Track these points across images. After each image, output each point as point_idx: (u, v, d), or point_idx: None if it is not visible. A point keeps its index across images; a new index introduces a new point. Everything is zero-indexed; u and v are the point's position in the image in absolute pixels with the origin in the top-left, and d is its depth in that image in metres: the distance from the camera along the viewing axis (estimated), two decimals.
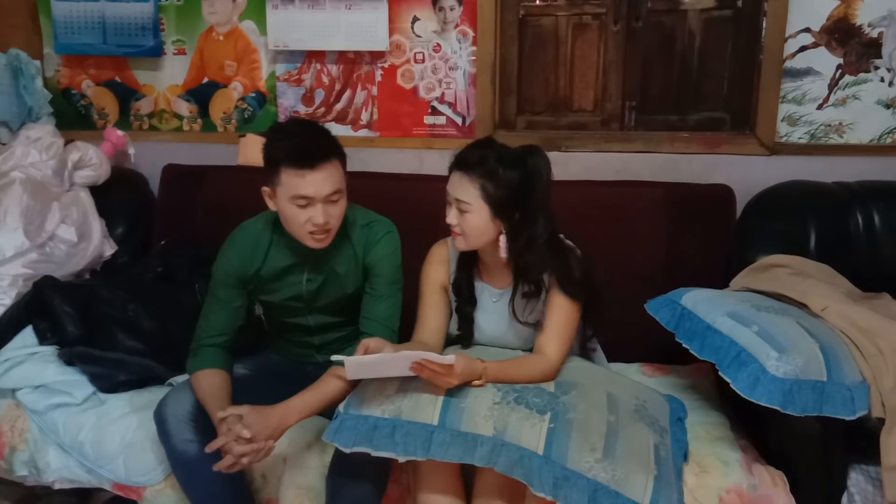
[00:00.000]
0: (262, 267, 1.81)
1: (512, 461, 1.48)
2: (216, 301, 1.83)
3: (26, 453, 1.95)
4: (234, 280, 1.81)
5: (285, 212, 1.69)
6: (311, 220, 1.66)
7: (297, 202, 1.65)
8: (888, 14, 2.25)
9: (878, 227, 2.12)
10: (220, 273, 1.83)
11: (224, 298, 1.82)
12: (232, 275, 1.81)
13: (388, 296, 1.80)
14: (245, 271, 1.81)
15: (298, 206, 1.66)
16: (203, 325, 1.83)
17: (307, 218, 1.67)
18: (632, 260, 2.22)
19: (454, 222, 1.68)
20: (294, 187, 1.64)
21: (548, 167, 1.69)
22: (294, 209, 1.67)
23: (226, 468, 1.58)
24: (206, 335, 1.81)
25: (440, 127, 2.57)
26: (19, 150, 2.47)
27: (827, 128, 2.35)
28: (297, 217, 1.67)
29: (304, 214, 1.67)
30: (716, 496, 1.62)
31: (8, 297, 2.17)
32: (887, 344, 1.63)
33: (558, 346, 1.68)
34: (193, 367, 1.78)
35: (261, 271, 1.81)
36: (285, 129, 1.74)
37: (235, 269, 1.81)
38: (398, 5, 2.50)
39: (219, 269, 1.83)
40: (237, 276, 1.81)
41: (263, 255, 1.81)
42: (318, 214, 1.66)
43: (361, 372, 1.60)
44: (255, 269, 1.81)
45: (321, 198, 1.66)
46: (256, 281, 1.82)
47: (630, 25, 2.47)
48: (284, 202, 1.67)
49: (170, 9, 2.67)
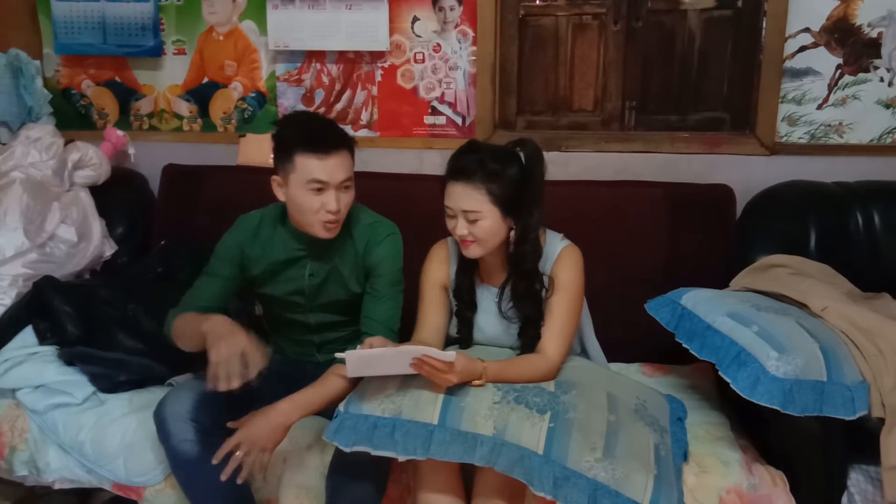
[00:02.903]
0: (263, 254, 1.82)
1: (512, 461, 1.48)
2: (210, 272, 1.83)
3: (26, 453, 1.95)
4: (231, 259, 1.82)
5: (298, 199, 1.69)
6: (325, 206, 1.68)
7: (311, 187, 1.66)
8: (888, 14, 2.25)
9: (878, 227, 2.12)
10: (218, 251, 1.84)
11: (219, 272, 1.82)
12: (230, 255, 1.82)
13: (389, 297, 1.80)
14: (243, 253, 1.82)
15: (312, 190, 1.67)
16: (190, 293, 1.81)
17: (321, 204, 1.68)
18: (632, 260, 2.22)
19: (465, 232, 1.66)
20: (309, 171, 1.65)
21: (541, 157, 1.69)
22: (308, 195, 1.67)
23: (230, 472, 1.59)
24: (190, 301, 1.79)
25: (440, 127, 2.57)
26: (19, 150, 2.47)
27: (827, 128, 2.35)
28: (310, 203, 1.68)
29: (318, 201, 1.67)
30: (716, 496, 1.62)
31: (8, 297, 2.17)
32: (887, 344, 1.63)
33: (558, 346, 1.68)
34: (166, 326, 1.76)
35: (260, 258, 1.82)
36: (297, 117, 1.77)
37: (234, 250, 1.82)
38: (398, 5, 2.50)
39: (218, 249, 1.84)
40: (235, 257, 1.82)
41: (264, 243, 1.82)
42: (332, 200, 1.67)
43: (362, 369, 1.60)
44: (254, 254, 1.82)
45: (335, 183, 1.67)
46: (256, 267, 1.82)
47: (630, 25, 2.47)
48: (298, 188, 1.68)
49: (170, 9, 2.67)
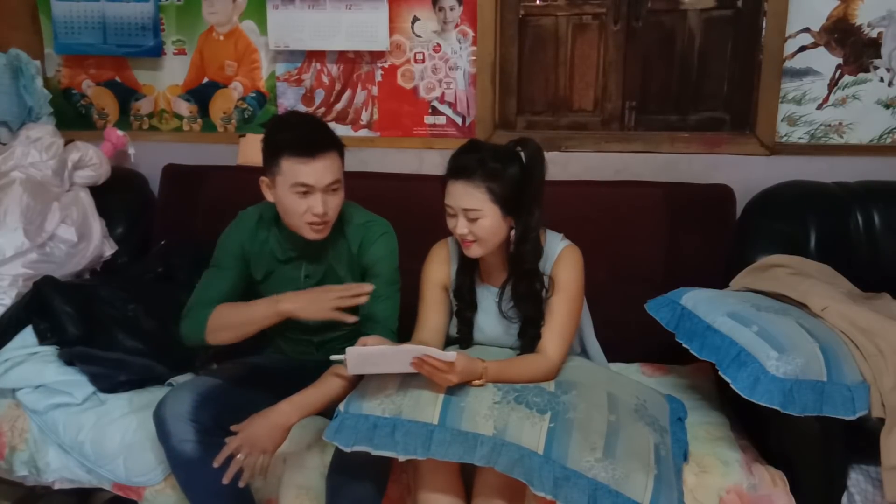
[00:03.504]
0: (261, 254, 1.82)
1: (512, 460, 1.48)
2: (218, 270, 1.82)
3: (26, 453, 1.95)
4: (235, 254, 1.82)
5: (284, 201, 1.69)
6: (311, 209, 1.68)
7: (297, 190, 1.67)
8: (888, 14, 2.25)
9: (878, 227, 2.12)
10: (222, 246, 1.84)
11: (226, 265, 1.81)
12: (233, 250, 1.82)
13: (386, 296, 1.79)
14: (244, 251, 1.82)
15: (298, 194, 1.67)
16: (200, 288, 1.80)
17: (307, 207, 1.68)
18: (632, 260, 2.22)
19: (465, 231, 1.66)
20: (294, 175, 1.66)
21: (542, 157, 1.70)
22: (294, 198, 1.68)
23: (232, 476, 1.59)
24: (202, 297, 1.78)
25: (440, 127, 2.57)
26: (19, 150, 2.47)
27: (827, 128, 2.35)
28: (296, 206, 1.68)
29: (304, 204, 1.68)
30: (716, 496, 1.62)
31: (8, 297, 2.17)
32: (887, 344, 1.63)
33: (558, 346, 1.68)
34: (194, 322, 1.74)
35: (259, 258, 1.82)
36: (286, 120, 1.78)
37: (236, 246, 1.82)
38: (398, 5, 2.50)
39: (221, 243, 1.84)
40: (238, 253, 1.82)
41: (262, 243, 1.82)
42: (318, 204, 1.67)
43: (362, 366, 1.60)
44: (253, 252, 1.82)
45: (321, 187, 1.67)
46: (255, 268, 1.83)
47: (630, 25, 2.47)
48: (284, 191, 1.68)
49: (170, 9, 2.67)
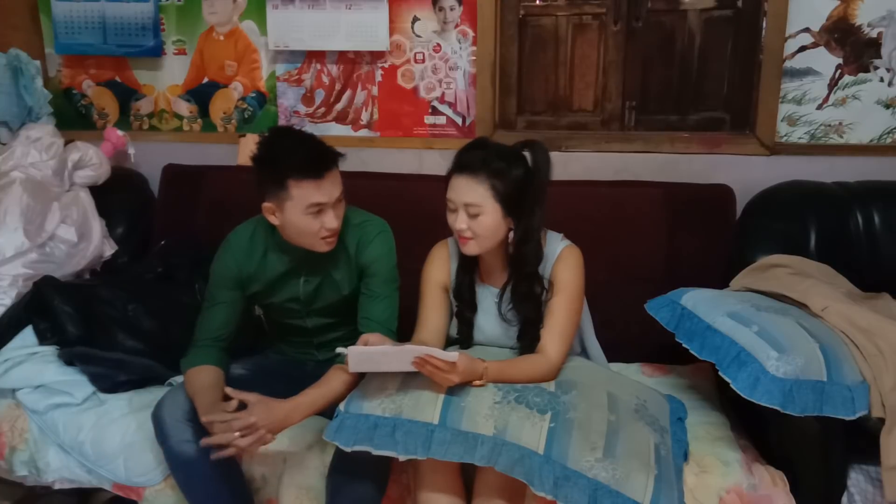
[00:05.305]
0: (258, 272, 1.82)
1: (512, 460, 1.48)
2: (213, 302, 1.83)
3: (26, 453, 1.95)
4: (230, 282, 1.82)
5: (299, 223, 1.69)
6: (325, 225, 1.69)
7: (311, 211, 1.67)
8: (888, 14, 2.25)
9: (878, 227, 2.12)
10: (216, 275, 1.84)
11: (221, 299, 1.82)
12: (228, 277, 1.82)
13: (385, 296, 1.80)
14: (241, 273, 1.82)
15: (312, 214, 1.67)
16: (200, 325, 1.84)
17: (321, 225, 1.69)
18: (632, 260, 2.22)
19: (464, 227, 1.66)
20: (307, 197, 1.66)
21: (548, 160, 1.70)
22: (308, 219, 1.68)
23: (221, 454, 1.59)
24: (202, 335, 1.82)
25: (440, 127, 2.57)
26: (19, 150, 2.47)
27: (827, 128, 2.35)
28: (310, 226, 1.69)
29: (318, 222, 1.68)
30: (716, 496, 1.62)
31: (8, 297, 2.17)
32: (887, 344, 1.63)
33: (559, 346, 1.68)
34: (186, 365, 1.78)
35: (257, 276, 1.82)
36: (280, 143, 1.69)
37: (232, 271, 1.82)
38: (398, 5, 2.50)
39: (215, 272, 1.84)
40: (234, 277, 1.82)
41: (259, 261, 1.82)
42: (332, 219, 1.69)
43: (364, 365, 1.60)
44: (250, 272, 1.82)
45: (333, 201, 1.68)
46: (254, 285, 1.83)
47: (630, 25, 2.47)
48: (296, 214, 1.68)
49: (170, 9, 2.67)
